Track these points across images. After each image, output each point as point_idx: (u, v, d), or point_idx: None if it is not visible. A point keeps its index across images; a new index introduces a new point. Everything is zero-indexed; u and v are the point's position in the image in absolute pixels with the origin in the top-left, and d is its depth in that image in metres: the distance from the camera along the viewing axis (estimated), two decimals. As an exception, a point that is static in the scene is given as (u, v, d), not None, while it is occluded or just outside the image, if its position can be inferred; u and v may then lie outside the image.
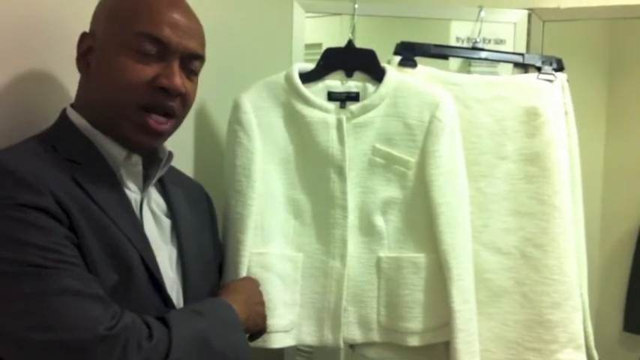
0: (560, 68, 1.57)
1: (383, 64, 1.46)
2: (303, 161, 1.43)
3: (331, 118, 1.41)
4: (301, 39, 1.73)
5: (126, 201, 1.02)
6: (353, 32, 1.51)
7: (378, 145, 1.42)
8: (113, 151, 1.02)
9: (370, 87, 1.44)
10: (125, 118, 1.00)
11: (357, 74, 1.45)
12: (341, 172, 1.41)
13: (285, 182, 1.43)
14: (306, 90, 1.42)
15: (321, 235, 1.42)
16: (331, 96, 1.44)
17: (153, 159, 1.09)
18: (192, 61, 1.05)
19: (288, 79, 1.42)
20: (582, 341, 1.46)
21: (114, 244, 0.95)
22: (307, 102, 1.41)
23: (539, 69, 1.57)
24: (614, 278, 2.09)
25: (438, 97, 1.41)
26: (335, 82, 1.45)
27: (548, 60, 1.58)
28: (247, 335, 1.14)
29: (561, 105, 1.54)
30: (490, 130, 1.51)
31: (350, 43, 1.48)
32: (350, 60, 1.45)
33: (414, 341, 1.40)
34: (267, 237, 1.40)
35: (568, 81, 1.57)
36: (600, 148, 2.18)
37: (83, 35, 1.03)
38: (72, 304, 0.85)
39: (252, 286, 1.28)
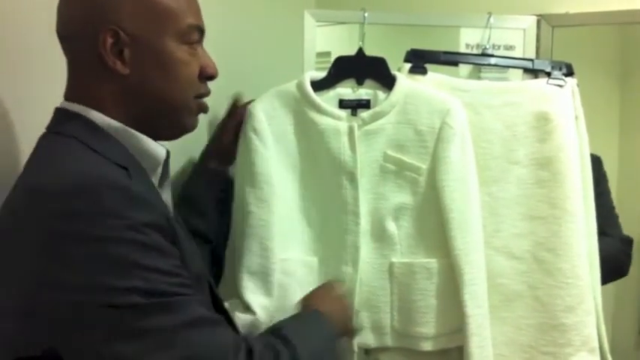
0: (569, 73, 1.57)
1: (393, 71, 1.48)
2: (315, 168, 1.44)
3: (343, 126, 1.43)
4: (312, 48, 1.75)
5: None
6: (363, 40, 1.52)
7: (389, 152, 1.43)
8: (155, 150, 0.96)
9: (381, 94, 1.45)
10: (188, 111, 1.00)
11: (367, 82, 1.46)
12: (352, 179, 1.42)
13: (298, 189, 1.44)
14: (317, 98, 1.43)
15: (333, 241, 1.43)
16: (342, 104, 1.45)
17: None
18: None
19: (300, 87, 1.44)
20: (596, 344, 1.46)
21: (193, 254, 0.93)
22: (319, 110, 1.43)
23: (548, 74, 1.56)
24: (630, 282, 2.08)
25: (449, 104, 1.42)
26: (346, 90, 1.46)
27: (557, 65, 1.57)
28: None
29: (572, 109, 1.53)
30: (501, 135, 1.51)
31: (360, 51, 1.49)
32: (360, 68, 1.47)
33: (427, 346, 1.40)
34: (286, 243, 1.41)
35: (578, 85, 1.57)
36: (614, 153, 2.17)
37: (104, 31, 0.91)
38: (205, 334, 0.82)
39: (336, 292, 1.25)
